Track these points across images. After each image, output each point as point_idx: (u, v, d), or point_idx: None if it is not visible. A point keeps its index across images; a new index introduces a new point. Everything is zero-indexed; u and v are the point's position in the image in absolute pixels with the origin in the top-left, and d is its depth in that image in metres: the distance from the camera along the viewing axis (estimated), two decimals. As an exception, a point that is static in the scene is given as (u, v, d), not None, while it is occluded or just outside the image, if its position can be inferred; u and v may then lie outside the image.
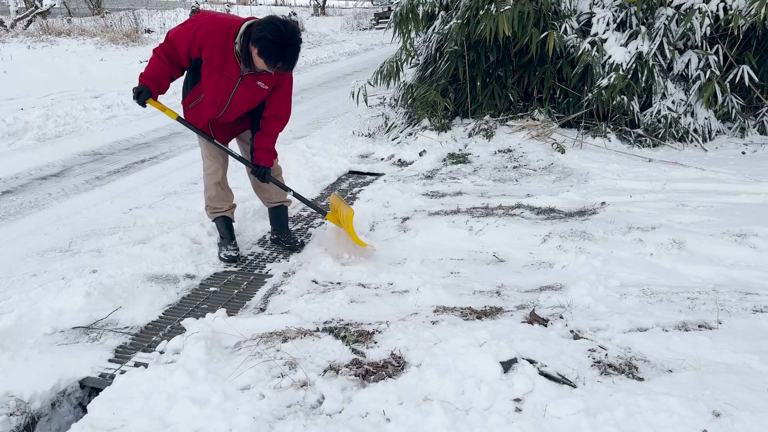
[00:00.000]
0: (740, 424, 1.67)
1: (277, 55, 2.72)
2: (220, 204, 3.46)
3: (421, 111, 6.03)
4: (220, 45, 2.84)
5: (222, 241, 3.47)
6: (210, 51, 2.86)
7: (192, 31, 2.84)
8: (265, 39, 2.69)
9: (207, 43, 2.84)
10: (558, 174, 4.83)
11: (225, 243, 3.44)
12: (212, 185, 3.40)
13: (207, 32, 2.83)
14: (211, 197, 3.44)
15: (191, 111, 3.16)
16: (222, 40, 2.84)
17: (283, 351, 2.17)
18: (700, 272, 2.87)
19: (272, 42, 2.69)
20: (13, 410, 2.09)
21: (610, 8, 5.62)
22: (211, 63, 2.89)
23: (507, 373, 1.95)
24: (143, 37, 16.04)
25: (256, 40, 2.72)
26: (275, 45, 2.70)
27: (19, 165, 5.50)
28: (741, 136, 5.60)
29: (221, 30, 2.84)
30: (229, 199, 3.51)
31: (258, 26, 2.74)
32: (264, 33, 2.69)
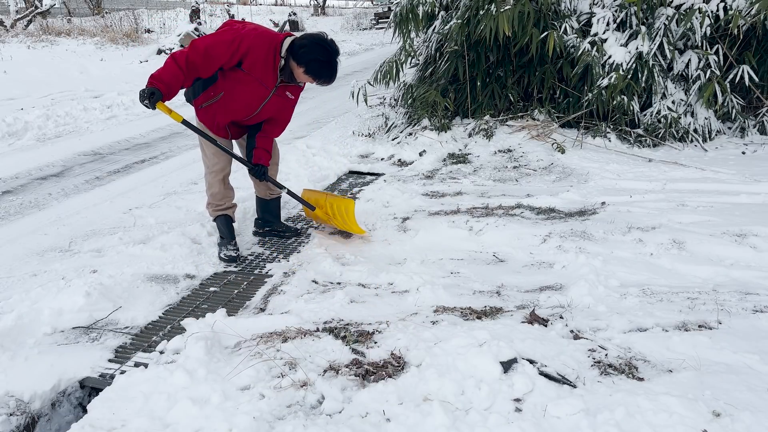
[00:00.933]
0: (740, 424, 1.67)
1: (326, 74, 3.03)
2: (222, 201, 3.51)
3: (421, 111, 6.03)
4: (263, 57, 3.00)
5: (222, 241, 3.49)
6: (253, 61, 2.99)
7: (236, 43, 2.95)
8: (317, 61, 2.98)
9: (251, 54, 2.98)
10: (558, 174, 4.83)
11: (225, 243, 3.47)
12: (217, 182, 3.45)
13: (253, 44, 2.97)
14: (214, 194, 3.48)
15: (205, 110, 3.25)
16: (265, 53, 3.00)
17: (283, 351, 2.17)
18: (700, 272, 2.87)
19: (321, 63, 2.99)
20: (13, 410, 2.09)
21: (610, 8, 5.62)
22: (251, 72, 3.03)
23: (507, 373, 1.95)
24: (143, 37, 16.05)
25: (306, 61, 2.99)
26: (324, 65, 3.00)
27: (19, 165, 5.50)
28: (741, 136, 5.60)
29: (266, 43, 3.00)
30: (231, 197, 3.57)
31: (305, 48, 2.98)
32: (314, 55, 2.97)
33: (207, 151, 3.40)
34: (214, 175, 3.44)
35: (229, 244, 3.46)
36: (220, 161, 3.40)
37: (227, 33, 2.99)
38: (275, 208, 3.75)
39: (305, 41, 3.00)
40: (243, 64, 3.00)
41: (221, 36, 2.98)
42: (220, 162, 3.40)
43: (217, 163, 3.40)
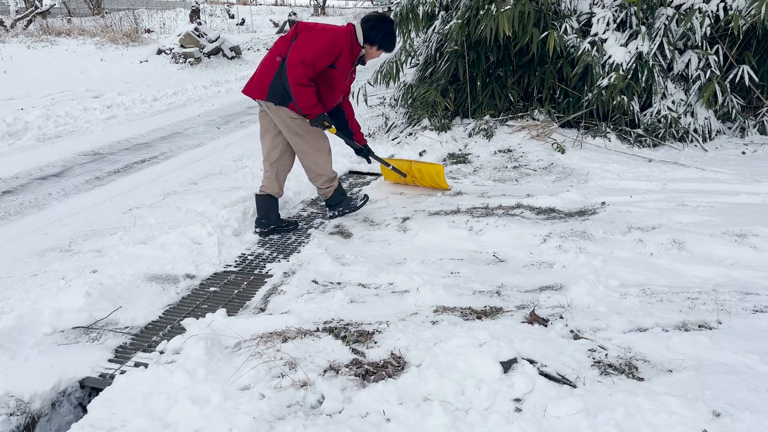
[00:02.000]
0: (740, 424, 1.67)
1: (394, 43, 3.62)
2: (335, 173, 3.90)
3: (421, 111, 6.03)
4: (348, 51, 3.47)
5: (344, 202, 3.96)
6: (344, 58, 3.46)
7: (331, 48, 3.37)
8: (385, 32, 3.51)
9: (343, 52, 3.44)
10: (558, 174, 4.83)
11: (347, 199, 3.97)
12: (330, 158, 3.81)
13: (343, 44, 3.43)
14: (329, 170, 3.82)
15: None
16: (350, 48, 3.47)
17: (283, 351, 2.17)
18: (700, 272, 2.87)
19: (392, 35, 3.56)
20: (13, 410, 2.09)
21: (610, 8, 5.62)
22: (341, 67, 3.48)
23: (507, 373, 1.95)
24: (143, 37, 16.06)
25: (379, 39, 3.51)
26: (393, 36, 3.58)
27: (19, 165, 5.50)
28: (741, 136, 5.60)
29: (347, 39, 3.46)
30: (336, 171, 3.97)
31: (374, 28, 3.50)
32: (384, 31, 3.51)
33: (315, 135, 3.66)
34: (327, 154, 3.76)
35: (351, 198, 3.98)
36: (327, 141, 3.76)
37: (319, 41, 3.35)
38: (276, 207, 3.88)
39: (372, 23, 3.50)
40: (337, 62, 3.44)
41: (316, 45, 3.34)
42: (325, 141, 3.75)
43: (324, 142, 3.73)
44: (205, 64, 13.25)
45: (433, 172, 4.37)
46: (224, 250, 3.52)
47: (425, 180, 4.46)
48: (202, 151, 6.15)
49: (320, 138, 3.69)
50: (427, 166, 4.42)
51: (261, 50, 16.92)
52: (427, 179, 4.44)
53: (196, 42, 13.48)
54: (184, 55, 13.00)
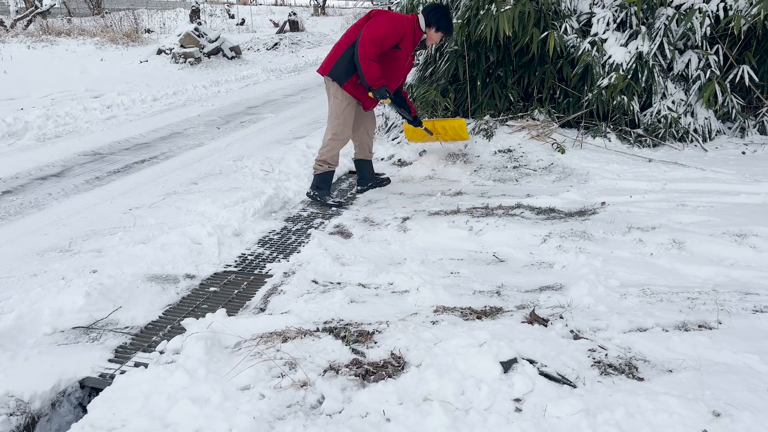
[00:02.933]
0: (740, 424, 1.67)
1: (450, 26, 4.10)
2: (334, 162, 4.34)
3: (421, 111, 6.02)
4: (411, 34, 3.99)
5: (322, 192, 4.31)
6: (407, 41, 3.98)
7: (397, 29, 3.90)
8: (443, 18, 4.03)
9: (407, 35, 3.96)
10: (558, 174, 4.83)
11: (326, 193, 4.31)
12: (338, 147, 4.29)
13: (407, 28, 3.96)
14: (332, 156, 4.29)
15: (359, 87, 4.11)
16: (413, 31, 4.00)
17: (283, 351, 2.17)
18: (700, 272, 2.87)
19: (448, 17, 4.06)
20: (13, 410, 2.09)
21: (610, 8, 5.61)
22: (405, 48, 4.00)
23: (507, 373, 1.95)
24: (143, 37, 16.06)
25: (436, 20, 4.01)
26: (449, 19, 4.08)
27: (19, 165, 5.50)
28: (741, 136, 5.59)
29: (411, 24, 3.99)
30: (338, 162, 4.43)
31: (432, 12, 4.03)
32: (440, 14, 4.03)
33: (342, 121, 4.19)
34: (340, 143, 4.28)
35: (330, 194, 4.33)
36: (346, 132, 4.26)
37: (387, 23, 3.89)
38: (371, 167, 4.68)
39: (431, 7, 4.06)
40: (401, 43, 3.95)
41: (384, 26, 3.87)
42: (346, 133, 4.26)
43: (343, 133, 4.24)
44: (205, 64, 13.25)
45: (456, 126, 4.73)
46: (224, 250, 3.52)
47: (449, 134, 4.79)
48: (202, 151, 6.15)
49: (344, 127, 4.22)
50: (450, 122, 4.81)
51: (261, 50, 16.93)
52: (450, 133, 4.78)
53: (196, 42, 13.48)
54: (184, 55, 13.00)
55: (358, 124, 4.40)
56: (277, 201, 4.36)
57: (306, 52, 17.30)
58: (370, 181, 4.67)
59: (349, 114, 4.20)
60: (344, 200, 4.33)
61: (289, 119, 7.85)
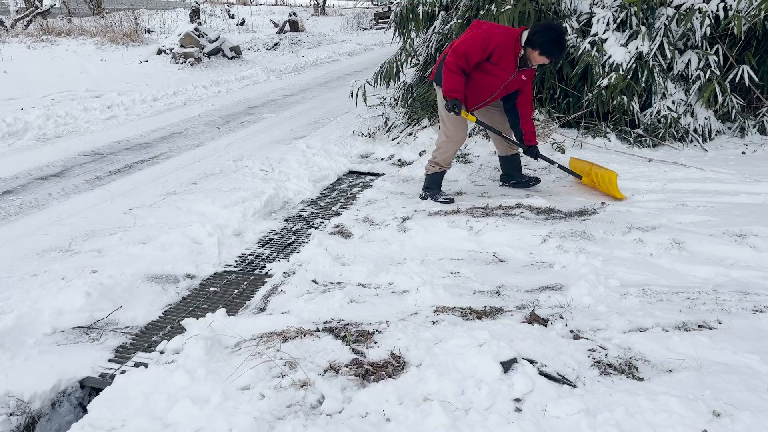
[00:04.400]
0: (740, 424, 1.67)
1: (556, 52, 3.80)
2: (447, 164, 4.31)
3: (421, 111, 6.02)
4: (510, 49, 3.79)
5: (433, 191, 4.28)
6: (500, 54, 3.79)
7: (485, 42, 3.76)
8: (549, 42, 3.72)
9: (499, 48, 3.77)
10: (558, 174, 4.83)
11: (437, 192, 4.27)
12: (452, 150, 4.25)
13: (501, 41, 3.77)
14: (445, 159, 4.26)
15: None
16: (511, 46, 3.79)
17: (283, 351, 2.17)
18: (700, 272, 2.87)
19: (553, 42, 3.73)
20: (13, 410, 2.09)
21: (610, 8, 5.62)
22: (498, 63, 3.83)
23: (507, 373, 1.95)
24: (143, 37, 16.05)
25: (540, 44, 3.73)
26: (555, 44, 3.74)
27: (19, 165, 5.50)
28: (741, 136, 5.59)
29: (510, 38, 3.79)
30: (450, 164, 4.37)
31: (538, 33, 3.75)
32: (547, 37, 3.72)
33: (450, 124, 4.14)
34: (453, 145, 4.22)
35: (440, 193, 4.26)
36: (460, 134, 4.19)
37: (475, 35, 3.79)
38: (517, 161, 4.48)
39: (538, 28, 3.79)
40: (492, 57, 3.80)
41: (470, 39, 3.80)
42: (460, 135, 4.19)
43: (457, 135, 4.18)
44: (205, 64, 13.25)
45: (606, 179, 4.15)
46: (224, 250, 3.52)
47: (601, 186, 4.23)
48: (202, 151, 6.15)
49: (456, 129, 4.14)
50: (602, 171, 4.22)
51: (261, 50, 16.93)
52: (602, 185, 4.21)
53: (196, 42, 13.47)
54: (184, 55, 13.00)
55: (489, 121, 4.32)
56: (277, 201, 4.36)
57: (306, 52, 17.30)
58: (514, 179, 4.52)
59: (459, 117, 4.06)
60: (449, 197, 4.22)
61: (289, 119, 7.85)
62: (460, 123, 4.12)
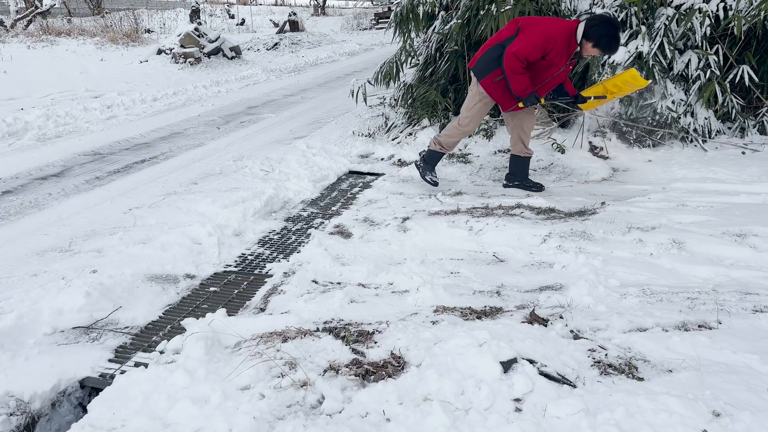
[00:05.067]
0: (740, 424, 1.67)
1: (613, 46, 3.84)
2: (449, 147, 4.48)
3: (421, 111, 6.02)
4: (563, 47, 3.85)
5: (427, 167, 4.45)
6: (555, 53, 3.85)
7: (542, 46, 3.81)
8: (606, 36, 3.77)
9: (555, 48, 3.83)
10: (558, 174, 4.83)
11: (430, 170, 4.43)
12: (459, 136, 4.41)
13: (557, 41, 3.82)
14: (448, 142, 4.43)
15: (498, 83, 4.09)
16: (565, 43, 3.84)
17: (283, 351, 2.17)
18: (700, 272, 2.87)
19: (610, 37, 3.78)
20: (13, 410, 2.09)
21: (610, 8, 5.61)
22: (551, 60, 3.87)
23: (507, 373, 1.95)
24: (143, 37, 16.05)
25: (596, 38, 3.78)
26: (611, 39, 3.79)
27: (19, 165, 5.50)
28: (741, 136, 5.59)
29: (565, 34, 3.84)
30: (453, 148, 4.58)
31: (595, 26, 3.79)
32: (604, 31, 3.77)
33: (470, 115, 4.27)
34: (461, 134, 4.39)
35: (432, 172, 4.41)
36: (471, 126, 4.36)
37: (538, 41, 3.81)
38: (525, 164, 4.51)
39: (595, 21, 3.82)
40: (548, 55, 3.86)
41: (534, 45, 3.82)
42: (470, 127, 4.36)
43: (468, 126, 4.33)
44: (205, 64, 13.25)
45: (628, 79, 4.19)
46: (224, 250, 3.52)
47: (623, 90, 4.28)
48: (202, 151, 6.15)
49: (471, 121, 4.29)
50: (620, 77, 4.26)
51: (261, 50, 16.92)
52: (625, 88, 4.26)
53: (196, 42, 13.47)
54: (184, 55, 13.00)
55: (512, 117, 4.35)
56: (277, 201, 4.36)
57: (306, 52, 17.30)
58: (518, 181, 4.52)
59: (480, 110, 4.22)
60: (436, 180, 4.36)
61: (289, 119, 7.85)
62: (476, 117, 4.27)
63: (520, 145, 4.43)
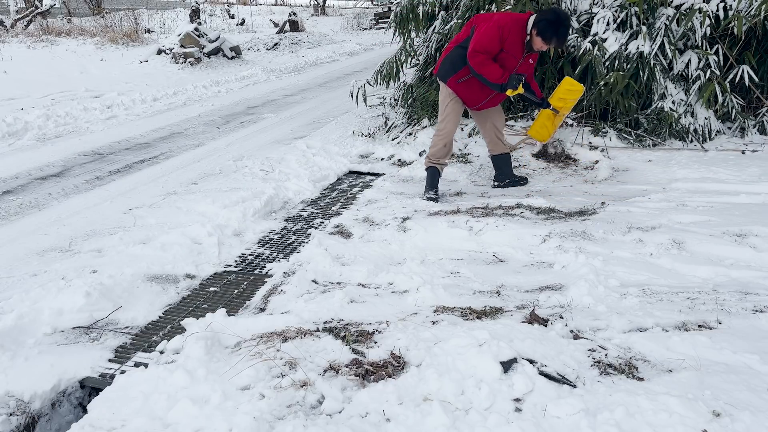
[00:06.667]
0: (740, 424, 1.67)
1: (549, 33, 3.81)
2: (438, 158, 4.36)
3: (421, 111, 6.02)
4: (518, 37, 3.88)
5: (426, 188, 4.35)
6: (511, 43, 3.88)
7: (499, 35, 3.85)
8: (545, 22, 3.79)
9: (510, 38, 3.86)
10: (558, 174, 4.83)
11: (428, 189, 4.32)
12: (440, 143, 4.31)
13: (511, 30, 3.85)
14: (434, 152, 4.35)
15: (463, 84, 4.13)
16: (519, 33, 3.87)
17: (283, 351, 2.17)
18: (700, 272, 2.87)
19: (548, 22, 3.79)
20: (13, 410, 2.09)
21: (611, 8, 5.61)
22: (510, 51, 3.90)
23: (507, 373, 1.95)
24: (143, 37, 16.05)
25: (536, 22, 3.81)
26: (549, 25, 3.78)
27: (19, 165, 5.50)
28: (741, 136, 5.59)
29: (518, 26, 3.87)
30: (445, 158, 4.41)
31: (541, 15, 3.84)
32: (543, 17, 3.81)
33: (444, 117, 4.28)
34: (440, 138, 4.31)
35: (431, 191, 4.30)
36: (448, 127, 4.28)
37: (493, 31, 3.85)
38: (508, 159, 4.55)
39: (542, 11, 3.90)
40: (505, 46, 3.88)
41: (484, 34, 3.87)
42: (447, 128, 4.28)
43: (444, 129, 4.29)
44: (205, 64, 13.24)
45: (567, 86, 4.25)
46: (224, 250, 3.52)
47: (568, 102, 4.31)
48: (202, 151, 6.15)
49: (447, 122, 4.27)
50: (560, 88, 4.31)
51: (261, 50, 16.92)
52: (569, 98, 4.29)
53: (196, 42, 13.47)
54: (184, 55, 13.00)
55: (485, 119, 4.41)
56: (277, 201, 4.36)
57: (306, 52, 17.30)
58: (509, 178, 4.57)
59: (453, 109, 4.24)
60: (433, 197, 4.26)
61: (289, 119, 7.85)
62: (451, 117, 4.24)
63: (500, 144, 4.48)
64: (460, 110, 4.30)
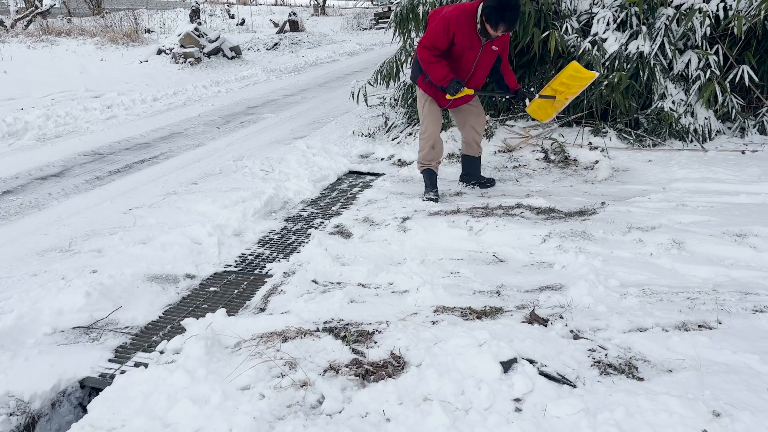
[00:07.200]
0: (740, 424, 1.67)
1: (495, 18, 3.60)
2: (428, 160, 4.32)
3: (421, 111, 6.01)
4: (468, 27, 3.75)
5: (425, 189, 4.31)
6: (462, 35, 3.76)
7: (444, 28, 3.75)
8: (489, 7, 3.61)
9: (459, 30, 3.75)
10: (558, 174, 4.83)
11: (428, 190, 4.28)
12: (426, 146, 4.27)
13: (457, 21, 3.74)
14: (423, 155, 4.31)
15: (429, 83, 4.09)
16: (468, 23, 3.74)
17: (283, 351, 2.17)
18: (700, 272, 2.87)
19: (492, 8, 3.60)
20: (13, 410, 2.09)
21: (611, 8, 5.61)
22: (462, 43, 3.79)
23: (507, 373, 1.95)
24: (143, 37, 16.05)
25: (482, 9, 3.65)
26: (494, 11, 3.59)
27: (19, 165, 5.50)
28: (741, 136, 5.59)
29: (466, 16, 3.74)
30: (436, 157, 4.35)
31: (486, 1, 3.64)
32: (488, 3, 3.62)
33: (424, 118, 4.26)
34: (424, 141, 4.28)
35: (431, 191, 4.26)
36: (429, 129, 4.24)
37: (437, 25, 3.78)
38: (478, 162, 4.55)
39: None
40: (455, 39, 3.77)
41: (432, 28, 3.81)
42: (429, 129, 4.24)
43: (426, 131, 4.25)
44: (205, 64, 13.24)
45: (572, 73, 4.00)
46: (224, 250, 3.52)
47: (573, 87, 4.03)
48: (202, 151, 6.15)
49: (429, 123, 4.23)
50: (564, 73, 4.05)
51: (261, 50, 16.92)
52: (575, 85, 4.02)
53: (196, 42, 13.47)
54: (184, 55, 13.00)
55: (464, 120, 4.39)
56: (277, 201, 4.36)
57: (306, 52, 17.30)
58: (474, 179, 4.57)
59: (430, 110, 4.21)
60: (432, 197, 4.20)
61: (289, 119, 7.85)
62: (430, 116, 4.21)
63: (475, 146, 4.46)
64: (437, 109, 4.25)
